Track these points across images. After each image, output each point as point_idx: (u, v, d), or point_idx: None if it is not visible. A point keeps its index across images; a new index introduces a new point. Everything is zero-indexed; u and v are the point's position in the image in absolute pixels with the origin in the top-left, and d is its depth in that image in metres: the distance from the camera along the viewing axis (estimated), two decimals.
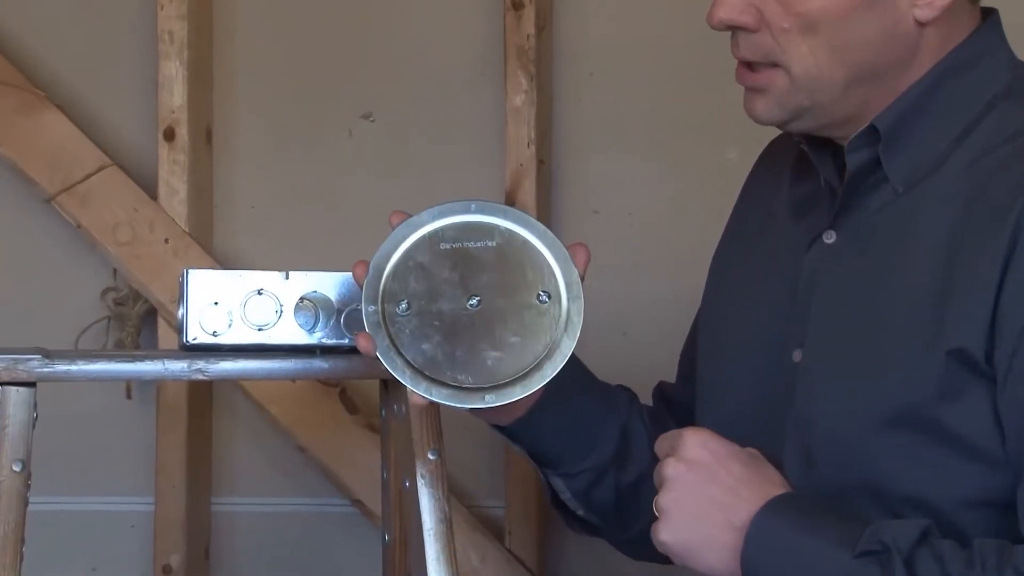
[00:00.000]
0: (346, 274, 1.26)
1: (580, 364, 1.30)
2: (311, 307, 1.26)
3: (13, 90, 2.00)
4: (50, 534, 2.04)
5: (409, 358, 1.12)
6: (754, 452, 1.12)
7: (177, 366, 1.24)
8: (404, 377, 1.11)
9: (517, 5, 1.92)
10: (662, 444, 1.13)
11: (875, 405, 1.08)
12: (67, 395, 1.97)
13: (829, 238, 1.16)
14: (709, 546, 1.08)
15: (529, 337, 1.13)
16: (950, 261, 1.07)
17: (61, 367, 1.21)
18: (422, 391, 1.11)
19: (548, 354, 1.13)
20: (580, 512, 1.32)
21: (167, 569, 1.98)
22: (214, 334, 1.25)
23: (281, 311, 1.26)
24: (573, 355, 1.16)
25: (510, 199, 1.92)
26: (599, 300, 1.99)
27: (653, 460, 1.28)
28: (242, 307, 1.26)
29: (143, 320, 2.02)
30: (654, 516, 1.12)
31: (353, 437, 1.97)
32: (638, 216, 1.98)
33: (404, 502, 1.26)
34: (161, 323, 2.00)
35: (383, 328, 1.12)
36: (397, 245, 1.14)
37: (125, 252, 1.99)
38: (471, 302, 1.13)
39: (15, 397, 1.19)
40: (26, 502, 1.18)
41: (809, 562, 1.04)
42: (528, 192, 1.93)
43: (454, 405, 1.12)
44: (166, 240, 1.99)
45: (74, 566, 2.05)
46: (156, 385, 2.00)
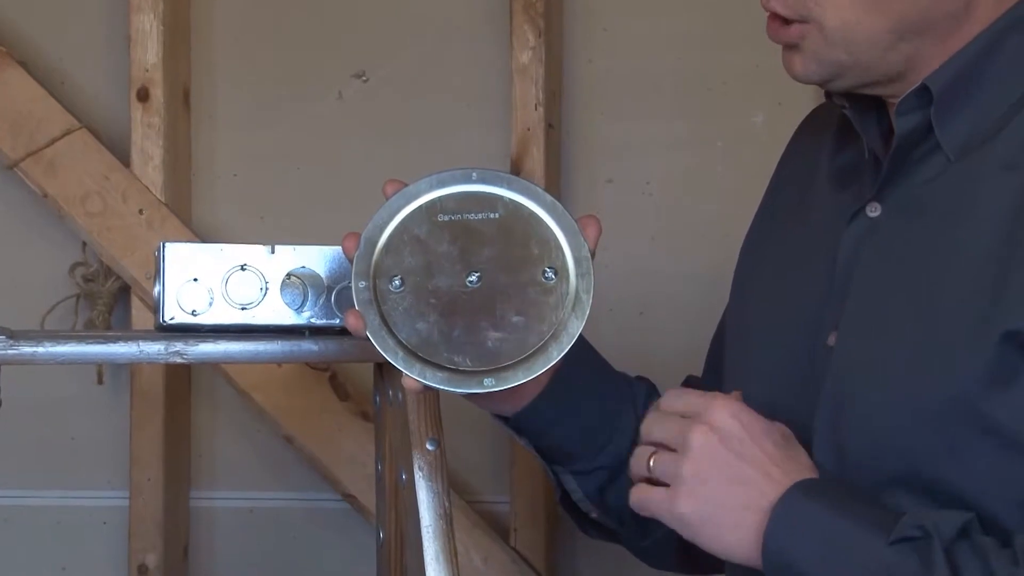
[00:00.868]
0: (337, 248, 1.26)
1: (590, 348, 1.30)
2: (299, 284, 1.26)
3: None
4: (16, 531, 2.05)
5: (402, 338, 1.11)
6: (786, 431, 1.12)
7: (153, 348, 1.24)
8: (396, 359, 1.11)
9: None
10: (677, 401, 1.12)
11: (916, 393, 1.08)
12: (33, 380, 1.97)
13: (873, 211, 1.15)
14: (730, 525, 1.08)
15: (533, 317, 1.12)
16: (1012, 235, 1.06)
17: (26, 349, 1.21)
18: (415, 374, 1.11)
19: (554, 335, 1.12)
20: (594, 515, 1.32)
21: (143, 569, 1.99)
22: (193, 313, 1.25)
23: (266, 288, 1.26)
24: (582, 338, 1.15)
25: (516, 167, 1.92)
26: (613, 277, 2.00)
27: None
28: (224, 284, 1.26)
29: (115, 298, 2.02)
30: (645, 470, 1.11)
31: (345, 426, 1.98)
32: (656, 186, 1.98)
33: (400, 497, 1.26)
34: (135, 301, 2.01)
35: (374, 305, 1.12)
36: (391, 216, 1.14)
37: (95, 224, 1.99)
38: (471, 278, 1.13)
39: None
40: None
41: (839, 547, 1.04)
42: (536, 159, 1.93)
43: (450, 390, 1.12)
44: (140, 211, 1.99)
45: (42, 566, 2.06)
46: (130, 369, 2.00)
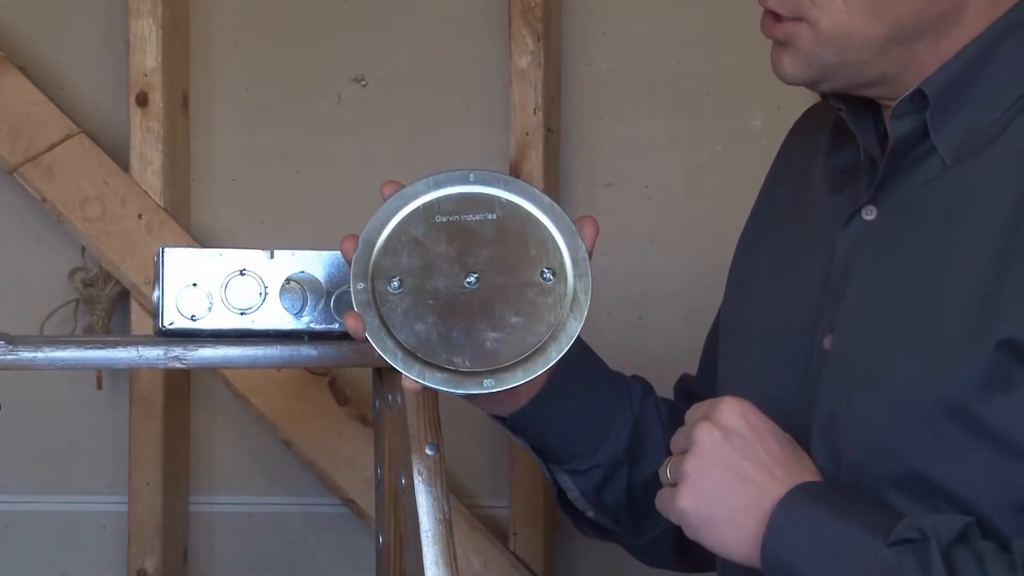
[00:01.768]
0: (336, 253, 1.26)
1: (588, 349, 1.30)
2: (298, 289, 1.27)
3: None
4: (14, 537, 2.05)
5: (401, 339, 1.11)
6: (790, 437, 1.13)
7: (152, 353, 1.24)
8: (395, 360, 1.11)
9: None
10: (697, 409, 1.13)
11: (912, 396, 1.08)
12: (32, 385, 1.98)
13: (869, 214, 1.15)
14: (731, 522, 1.08)
15: (532, 317, 1.12)
16: (1008, 242, 1.07)
17: (26, 354, 1.21)
18: (415, 375, 1.11)
19: (552, 336, 1.12)
20: (590, 513, 1.32)
21: (142, 573, 1.99)
22: (192, 318, 1.25)
23: (265, 293, 1.26)
24: (580, 339, 1.15)
25: (515, 170, 1.92)
26: (612, 279, 2.00)
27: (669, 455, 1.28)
28: (223, 289, 1.26)
29: (114, 303, 2.03)
30: (664, 480, 1.12)
31: (344, 430, 1.98)
32: (654, 188, 1.98)
33: (399, 501, 1.27)
34: (134, 306, 2.01)
35: (373, 307, 1.12)
36: (389, 218, 1.14)
37: (94, 229, 1.99)
38: (469, 279, 1.13)
39: None
40: None
41: (838, 549, 1.04)
42: (535, 162, 1.93)
43: (450, 391, 1.12)
44: (139, 215, 1.99)
45: (42, 570, 2.06)
46: (129, 374, 2.00)
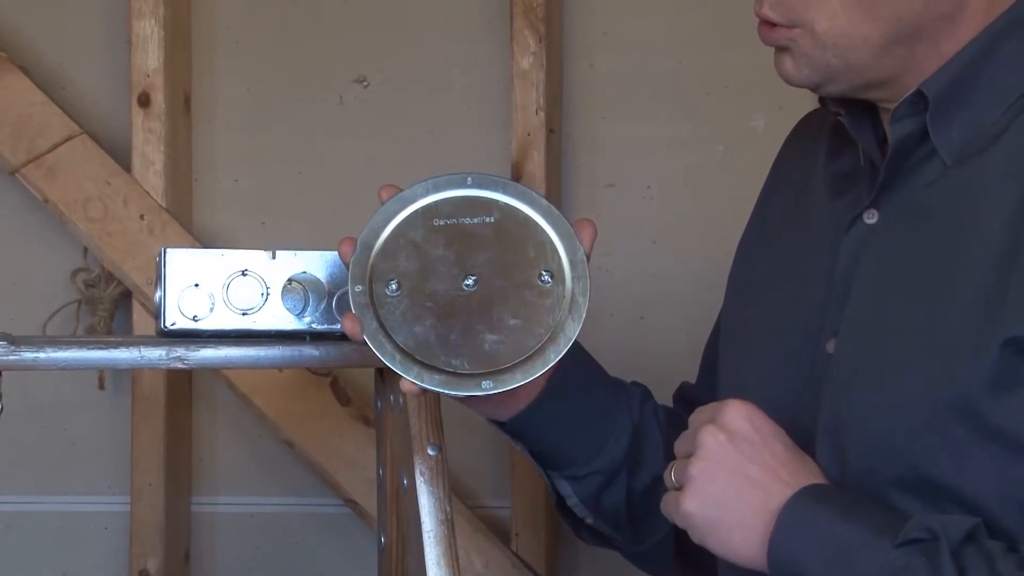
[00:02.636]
0: (337, 253, 1.26)
1: (586, 354, 1.30)
2: (300, 289, 1.27)
3: None
4: (16, 537, 2.05)
5: (399, 341, 1.12)
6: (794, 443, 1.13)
7: (154, 354, 1.24)
8: (394, 362, 1.12)
9: None
10: (703, 413, 1.13)
11: (915, 398, 1.08)
12: (34, 385, 1.98)
13: (870, 218, 1.16)
14: (737, 525, 1.08)
15: (530, 319, 1.13)
16: (1012, 242, 1.07)
17: (28, 354, 1.21)
18: (413, 377, 1.11)
19: (551, 338, 1.13)
20: (589, 520, 1.32)
21: (144, 574, 1.99)
22: (194, 319, 1.25)
23: (267, 294, 1.27)
24: (578, 344, 1.16)
25: (517, 171, 1.93)
26: (614, 281, 2.01)
27: (668, 463, 1.28)
28: (225, 289, 1.26)
29: (116, 304, 2.03)
30: (668, 485, 1.12)
31: (346, 431, 1.98)
32: (656, 189, 1.98)
33: (401, 502, 1.27)
34: (136, 307, 2.01)
35: (371, 309, 1.12)
36: (387, 221, 1.14)
37: (96, 229, 2.00)
38: (467, 282, 1.13)
39: None
40: None
41: (846, 551, 1.04)
42: (536, 163, 1.93)
43: (448, 392, 1.12)
44: (141, 216, 1.99)
45: (44, 571, 2.06)
46: (131, 375, 2.00)
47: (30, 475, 2.05)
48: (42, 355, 1.21)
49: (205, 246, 1.99)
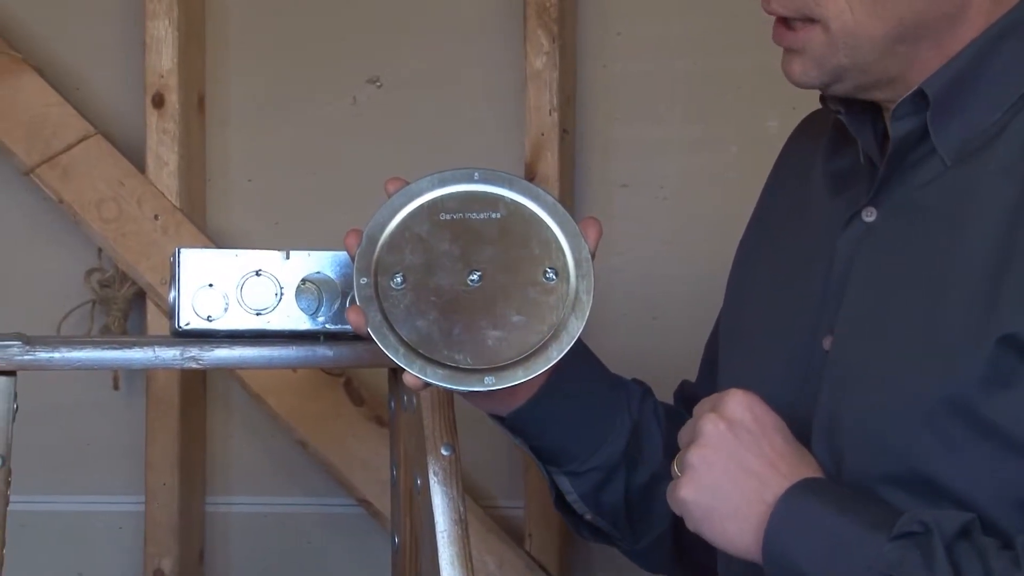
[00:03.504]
0: None
1: (588, 351, 1.30)
2: (314, 289, 1.27)
3: None
4: (31, 537, 2.06)
5: (403, 335, 1.12)
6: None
7: (168, 354, 1.25)
8: (397, 355, 1.12)
9: None
10: (705, 403, 1.14)
11: (911, 395, 1.09)
12: (49, 386, 1.99)
13: (869, 216, 1.16)
14: (733, 515, 1.08)
15: (534, 316, 1.13)
16: (1009, 240, 1.07)
17: (43, 354, 1.22)
18: (416, 371, 1.12)
19: (554, 335, 1.13)
20: (588, 516, 1.33)
21: (158, 574, 2.00)
22: (208, 319, 1.26)
23: (281, 294, 1.27)
24: (580, 341, 1.16)
25: (530, 171, 1.93)
26: (626, 281, 2.01)
27: (667, 462, 1.28)
28: (239, 290, 1.27)
29: (131, 304, 2.04)
30: (673, 475, 1.12)
31: (359, 431, 1.99)
32: (670, 190, 1.99)
33: (415, 502, 1.27)
34: (150, 307, 2.02)
35: (375, 302, 1.12)
36: (393, 214, 1.15)
37: (111, 229, 2.00)
38: (472, 277, 1.13)
39: None
40: (7, 500, 1.19)
41: (840, 545, 1.05)
42: (550, 163, 1.94)
43: (451, 387, 1.13)
44: (155, 216, 2.00)
45: (59, 571, 2.07)
46: (145, 375, 2.01)
47: (45, 475, 2.06)
48: (57, 355, 1.22)
49: (219, 246, 2.00)
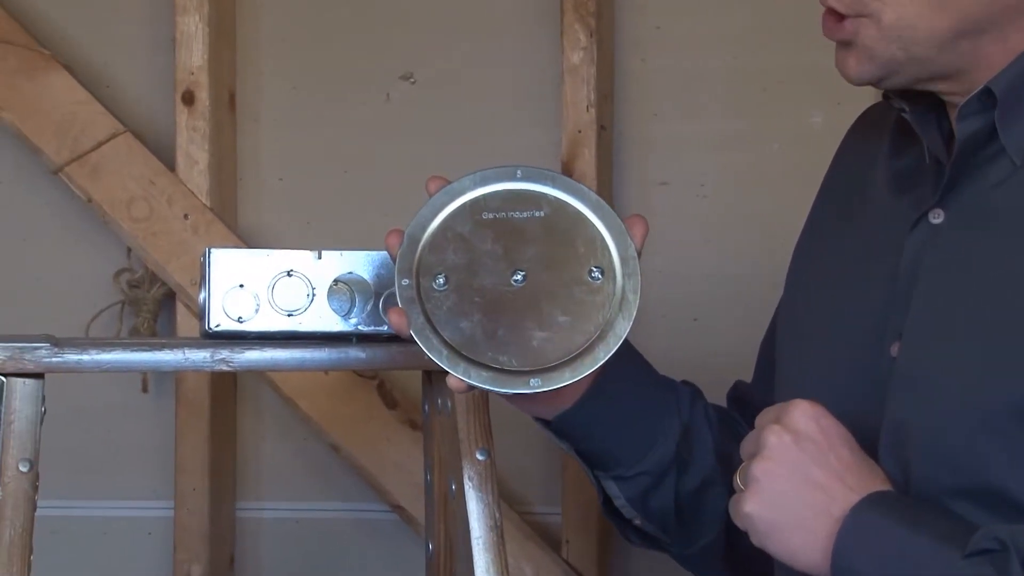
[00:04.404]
0: (384, 253, 1.26)
1: (635, 351, 1.30)
2: (346, 290, 1.27)
3: (15, 49, 2.02)
4: (60, 542, 2.07)
5: (446, 336, 1.12)
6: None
7: (198, 356, 1.24)
8: (440, 358, 1.12)
9: None
10: (768, 413, 1.13)
11: (983, 403, 1.07)
12: (77, 388, 2.00)
13: (936, 217, 1.15)
14: (799, 529, 1.07)
15: (579, 317, 1.12)
16: None
17: (71, 357, 1.22)
18: (460, 373, 1.11)
19: (600, 336, 1.12)
20: (636, 521, 1.32)
21: None
22: (239, 320, 1.26)
23: (313, 295, 1.27)
24: (627, 341, 1.15)
25: (567, 169, 1.93)
26: (667, 281, 2.00)
27: (718, 465, 1.27)
28: (270, 290, 1.26)
29: (160, 305, 2.04)
30: (736, 488, 1.11)
31: (392, 435, 1.98)
32: (710, 188, 1.98)
33: (449, 508, 1.27)
34: (180, 308, 2.02)
35: (418, 303, 1.12)
36: (435, 214, 1.14)
37: (140, 229, 2.01)
38: (515, 277, 1.13)
39: (21, 390, 1.20)
40: (34, 505, 1.19)
41: (911, 559, 1.03)
42: (587, 161, 1.93)
43: (496, 390, 1.12)
44: (185, 216, 2.00)
45: None
46: (175, 377, 2.01)
47: (74, 480, 2.06)
48: (85, 357, 1.22)
49: (250, 246, 2.00)
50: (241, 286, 1.26)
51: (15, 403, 1.20)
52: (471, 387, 1.13)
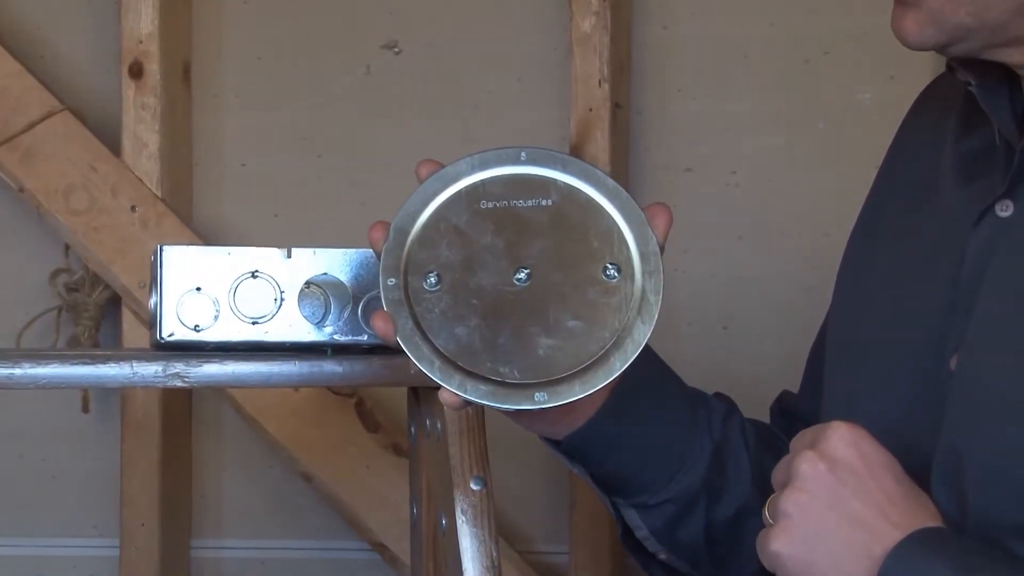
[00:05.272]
0: (364, 251, 1.27)
1: (658, 360, 1.30)
2: (320, 294, 1.28)
3: None
4: None
5: (438, 345, 1.11)
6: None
7: (149, 370, 1.25)
8: (432, 369, 1.11)
9: None
10: (803, 437, 1.13)
11: None
12: (7, 407, 2.00)
13: (1004, 210, 1.15)
14: (834, 572, 1.07)
15: (592, 321, 1.12)
16: None
17: (1, 370, 1.22)
18: (455, 387, 1.11)
19: (617, 343, 1.12)
20: (662, 555, 1.32)
21: None
22: (196, 329, 1.26)
23: (281, 299, 1.27)
24: (649, 348, 1.16)
25: (577, 152, 1.93)
26: (693, 282, 2.00)
27: (756, 491, 1.28)
28: (231, 294, 1.27)
29: (103, 311, 2.04)
30: (765, 522, 1.12)
31: (373, 462, 1.99)
32: (743, 175, 1.98)
33: (439, 545, 1.27)
34: (127, 315, 2.03)
35: (406, 306, 1.12)
36: (426, 203, 1.14)
37: (80, 223, 2.01)
38: (519, 276, 1.13)
39: None
40: None
41: None
42: (600, 144, 1.94)
43: (496, 405, 1.12)
44: (133, 208, 2.01)
45: None
46: (121, 395, 2.02)
47: (3, 513, 2.06)
48: (17, 371, 1.23)
49: (208, 243, 2.00)
50: (198, 289, 1.26)
51: None
52: (467, 403, 1.13)
